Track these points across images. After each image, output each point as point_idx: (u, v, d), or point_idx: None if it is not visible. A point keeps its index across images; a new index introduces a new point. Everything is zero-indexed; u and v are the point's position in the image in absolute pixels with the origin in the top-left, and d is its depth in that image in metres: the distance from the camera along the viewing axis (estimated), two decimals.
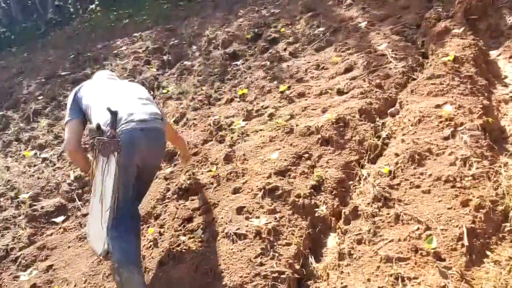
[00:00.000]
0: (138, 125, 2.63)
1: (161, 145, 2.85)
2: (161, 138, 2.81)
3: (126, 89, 2.95)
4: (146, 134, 2.65)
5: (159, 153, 2.88)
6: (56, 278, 3.22)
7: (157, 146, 2.80)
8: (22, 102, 6.64)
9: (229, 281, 2.49)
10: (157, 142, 2.78)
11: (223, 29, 6.63)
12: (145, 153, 2.66)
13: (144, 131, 2.64)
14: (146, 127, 2.66)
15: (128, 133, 2.58)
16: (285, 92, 4.37)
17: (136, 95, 2.88)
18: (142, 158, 2.66)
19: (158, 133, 2.77)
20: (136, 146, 2.61)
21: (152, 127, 2.70)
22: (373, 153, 3.20)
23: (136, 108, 2.72)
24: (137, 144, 2.61)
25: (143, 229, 3.37)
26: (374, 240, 2.37)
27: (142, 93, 2.98)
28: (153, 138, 2.72)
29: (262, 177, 3.19)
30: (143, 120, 2.67)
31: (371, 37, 4.85)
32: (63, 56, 8.30)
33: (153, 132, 2.72)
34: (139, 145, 2.62)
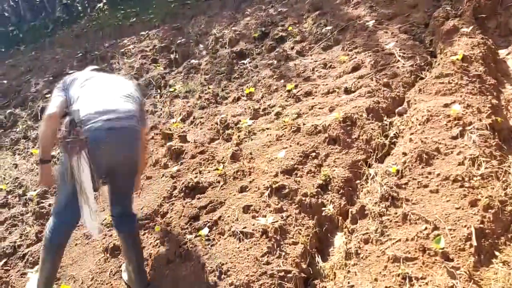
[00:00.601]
0: (106, 123, 2.58)
1: (131, 143, 2.74)
2: (131, 136, 2.73)
3: (110, 84, 2.92)
4: (114, 133, 2.61)
5: (130, 151, 2.75)
6: (63, 275, 3.23)
7: (127, 144, 2.71)
8: (30, 100, 6.68)
9: (236, 280, 2.48)
10: (127, 140, 2.70)
11: (230, 27, 6.62)
12: (113, 151, 2.63)
13: (112, 129, 2.59)
14: (115, 125, 2.61)
15: (94, 131, 2.55)
16: (292, 91, 4.36)
17: (118, 91, 2.84)
18: (110, 156, 2.63)
19: (128, 131, 2.70)
20: (101, 145, 2.56)
21: (122, 125, 2.65)
22: (380, 152, 3.18)
23: (110, 105, 2.67)
24: (102, 142, 2.56)
25: (149, 226, 3.38)
26: (382, 240, 2.36)
27: (126, 89, 2.91)
28: (123, 136, 2.67)
29: (269, 176, 3.19)
30: (114, 119, 2.62)
31: (379, 35, 4.83)
32: (71, 54, 8.33)
33: (123, 131, 2.66)
34: (106, 143, 2.58)
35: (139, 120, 2.78)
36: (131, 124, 2.69)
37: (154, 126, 4.88)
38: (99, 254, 3.25)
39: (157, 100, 5.58)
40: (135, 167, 2.85)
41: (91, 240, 3.46)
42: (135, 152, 2.78)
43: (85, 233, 3.55)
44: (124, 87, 2.92)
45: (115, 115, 2.63)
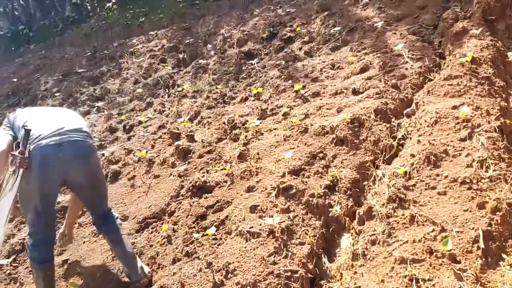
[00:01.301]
0: (54, 140, 2.73)
1: (84, 154, 2.87)
2: (83, 148, 2.86)
3: (56, 110, 3.15)
4: (62, 149, 2.74)
5: (85, 163, 2.88)
6: (71, 272, 3.27)
7: (80, 157, 2.83)
8: (39, 99, 6.74)
9: (242, 279, 2.49)
10: (80, 152, 2.83)
11: (239, 28, 6.64)
12: (65, 165, 2.77)
13: (61, 145, 2.74)
14: (63, 140, 2.75)
15: (39, 149, 2.69)
16: (300, 92, 4.36)
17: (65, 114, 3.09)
18: (63, 170, 2.77)
19: (78, 143, 2.83)
20: (49, 162, 2.70)
21: (71, 139, 2.78)
22: (388, 153, 3.18)
23: (58, 124, 2.83)
24: (51, 158, 2.70)
25: (157, 225, 3.40)
26: (389, 241, 2.36)
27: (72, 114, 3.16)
28: (72, 149, 2.78)
29: (276, 176, 3.20)
30: (62, 133, 2.77)
31: (387, 37, 4.82)
32: (80, 53, 8.40)
33: (73, 144, 2.79)
34: (55, 158, 2.71)
35: (88, 134, 2.96)
36: (80, 137, 2.84)
37: (162, 126, 4.91)
38: (106, 252, 3.28)
39: (165, 100, 5.61)
40: (97, 175, 3.02)
41: (98, 238, 3.49)
42: (91, 162, 2.94)
43: (93, 230, 3.58)
44: (70, 112, 3.20)
45: (63, 130, 2.80)
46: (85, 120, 5.61)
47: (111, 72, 6.98)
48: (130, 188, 4.01)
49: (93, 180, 2.98)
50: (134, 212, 3.65)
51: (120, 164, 4.41)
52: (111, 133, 5.22)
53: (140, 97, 5.88)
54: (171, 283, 2.71)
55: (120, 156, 4.54)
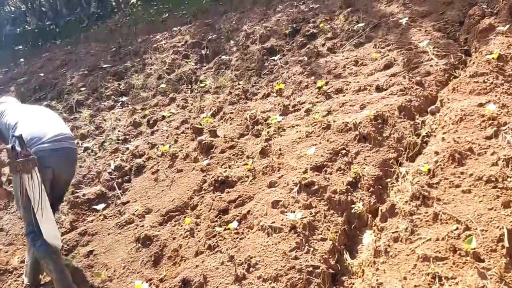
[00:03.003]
0: (50, 145, 3.07)
1: (71, 161, 3.31)
2: (71, 155, 3.27)
3: (40, 112, 3.43)
4: (58, 153, 3.09)
5: (72, 168, 3.35)
6: (97, 263, 3.35)
7: (68, 163, 3.24)
8: (65, 93, 6.87)
9: (264, 273, 2.52)
10: (68, 159, 3.23)
11: (261, 24, 6.64)
12: (57, 168, 3.10)
13: (56, 150, 3.08)
14: (58, 147, 3.10)
15: (41, 152, 3.00)
16: (322, 88, 4.35)
17: (52, 117, 3.39)
18: (55, 172, 3.10)
19: (69, 151, 3.21)
20: (47, 163, 3.02)
21: (63, 146, 3.14)
22: (412, 151, 3.16)
23: (53, 131, 3.16)
24: (48, 161, 3.02)
25: (180, 218, 3.45)
26: (412, 239, 2.35)
27: (54, 116, 3.46)
28: (64, 156, 3.15)
29: (298, 172, 3.21)
30: (56, 140, 3.11)
31: (412, 33, 4.76)
32: (105, 49, 8.51)
33: (64, 151, 3.15)
34: (51, 162, 3.04)
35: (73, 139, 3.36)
36: (71, 145, 3.25)
37: (184, 121, 4.96)
38: (131, 243, 3.35)
39: (188, 95, 5.66)
40: (70, 181, 3.50)
41: (123, 230, 3.56)
42: (75, 167, 3.45)
43: (117, 222, 3.66)
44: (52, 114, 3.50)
45: (58, 137, 3.13)
46: (110, 114, 5.76)
47: (135, 67, 7.06)
48: (154, 182, 4.07)
49: (68, 183, 3.49)
50: (158, 206, 3.71)
51: (144, 158, 4.48)
52: (135, 128, 5.30)
53: (164, 93, 5.94)
54: (194, 275, 2.75)
55: (144, 150, 4.61)
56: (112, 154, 4.81)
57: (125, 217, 3.68)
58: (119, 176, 4.36)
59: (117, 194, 4.12)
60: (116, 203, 4.01)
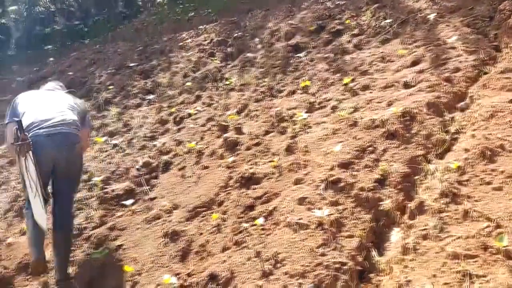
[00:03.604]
0: (45, 131, 3.27)
1: (67, 145, 3.36)
2: (65, 140, 3.35)
3: (51, 99, 3.62)
4: (52, 138, 3.27)
5: (67, 152, 3.37)
6: (126, 257, 3.41)
7: (63, 147, 3.33)
8: (94, 91, 7.01)
9: (291, 269, 2.53)
10: (62, 143, 3.33)
11: (286, 21, 6.64)
12: (53, 153, 3.28)
13: (50, 136, 3.27)
14: (53, 132, 3.29)
15: (36, 137, 3.23)
16: (348, 85, 4.33)
17: (57, 105, 3.53)
18: (52, 157, 3.29)
19: (64, 136, 3.34)
20: (42, 148, 3.23)
21: (58, 131, 3.31)
22: (440, 148, 3.11)
23: (49, 116, 3.36)
24: (42, 146, 3.23)
25: (206, 214, 3.49)
26: (441, 236, 2.33)
27: (63, 102, 3.60)
28: (59, 140, 3.30)
29: (324, 169, 3.21)
30: (52, 126, 3.31)
31: (440, 29, 4.69)
32: (132, 48, 8.64)
33: (59, 136, 3.31)
34: (45, 147, 3.24)
35: (76, 125, 3.44)
36: (65, 130, 3.35)
37: (210, 118, 5.00)
38: (159, 238, 3.40)
39: (213, 93, 5.70)
40: (72, 167, 3.48)
41: (151, 225, 3.62)
42: (71, 153, 3.40)
43: (146, 218, 3.72)
44: (61, 100, 3.63)
45: (51, 122, 3.32)
46: (137, 112, 5.84)
47: (161, 66, 7.15)
48: (181, 178, 4.12)
49: (71, 168, 3.47)
50: (184, 201, 3.76)
51: (171, 154, 4.54)
52: (162, 125, 5.37)
53: (189, 90, 6.00)
54: (221, 270, 2.78)
55: (171, 147, 4.67)
56: (140, 151, 4.89)
57: (153, 213, 3.75)
58: (147, 173, 4.44)
59: (145, 190, 4.19)
60: (144, 199, 4.08)
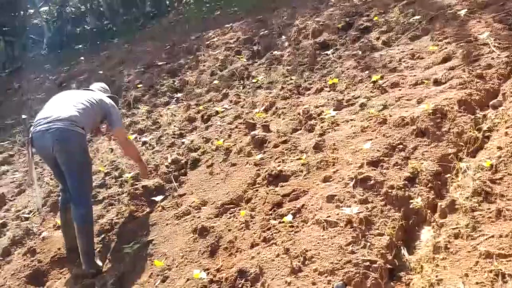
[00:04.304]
0: (41, 127, 3.53)
1: (62, 140, 3.51)
2: (60, 135, 3.50)
3: (63, 99, 3.86)
4: (44, 134, 3.50)
5: (63, 146, 3.52)
6: (156, 252, 3.48)
7: (58, 141, 3.49)
8: (123, 90, 7.15)
9: (320, 266, 2.53)
10: (54, 139, 3.48)
11: (313, 18, 6.61)
12: (48, 147, 3.52)
13: (43, 131, 3.51)
14: (48, 128, 3.51)
15: (34, 133, 3.58)
16: (377, 82, 4.29)
17: (64, 103, 3.74)
18: (47, 151, 3.55)
19: (55, 131, 3.49)
20: (38, 143, 3.59)
21: (54, 127, 3.50)
22: (472, 146, 3.06)
23: (49, 114, 3.61)
24: (37, 141, 3.58)
25: (234, 211, 3.53)
26: (473, 235, 2.29)
27: (74, 101, 3.77)
28: (54, 135, 3.48)
29: (353, 167, 3.19)
30: (49, 122, 3.53)
31: (471, 25, 4.60)
32: (160, 47, 8.77)
33: (54, 131, 3.49)
34: (39, 142, 3.57)
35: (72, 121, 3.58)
36: (58, 125, 3.51)
37: (237, 116, 5.03)
38: (188, 234, 3.45)
39: (240, 91, 5.73)
40: (71, 160, 3.60)
41: (180, 221, 3.68)
42: (66, 147, 3.54)
43: (175, 213, 3.79)
44: (73, 98, 3.82)
45: (49, 119, 3.55)
46: (165, 110, 5.92)
47: (189, 64, 7.24)
48: (209, 175, 4.17)
49: (70, 162, 3.60)
50: (213, 198, 3.80)
51: (199, 152, 4.60)
52: (190, 123, 5.43)
53: (217, 89, 6.06)
54: (250, 267, 2.81)
55: (199, 145, 4.73)
56: (169, 148, 4.97)
57: (182, 209, 3.81)
58: (176, 169, 4.50)
59: (174, 187, 4.26)
60: (173, 195, 4.14)
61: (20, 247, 4.26)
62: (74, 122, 3.59)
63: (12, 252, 4.24)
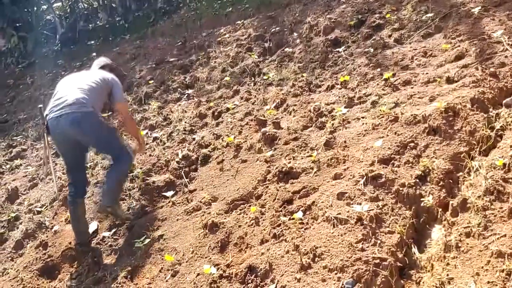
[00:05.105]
0: (55, 113, 3.70)
1: (74, 124, 3.67)
2: (71, 119, 3.66)
3: (75, 80, 4.02)
4: (60, 119, 3.67)
5: (76, 129, 3.70)
6: (166, 247, 3.51)
7: (70, 126, 3.67)
8: (135, 86, 7.19)
9: (330, 263, 2.54)
10: (67, 124, 3.66)
11: (325, 15, 6.58)
12: (62, 133, 3.73)
13: (55, 118, 3.68)
14: (59, 114, 3.68)
15: (49, 120, 3.76)
16: (389, 80, 4.27)
17: (71, 87, 3.87)
18: (64, 136, 3.76)
19: (69, 116, 3.66)
20: (54, 129, 3.75)
21: (64, 113, 3.66)
22: (485, 144, 3.03)
23: (59, 101, 3.76)
24: (54, 127, 3.74)
25: (245, 207, 3.54)
26: (485, 234, 2.28)
27: (80, 83, 3.91)
28: (66, 121, 3.66)
29: (364, 165, 3.19)
30: (60, 108, 3.69)
31: (485, 23, 4.55)
32: (171, 43, 8.79)
33: (65, 117, 3.66)
34: (53, 129, 3.75)
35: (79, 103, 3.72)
36: (67, 111, 3.67)
37: (248, 113, 5.03)
38: (198, 229, 3.47)
39: (251, 88, 5.73)
40: (93, 138, 3.87)
41: (191, 217, 3.71)
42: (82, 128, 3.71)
43: (186, 209, 3.81)
44: (79, 81, 3.96)
45: (59, 106, 3.71)
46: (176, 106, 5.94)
47: (200, 61, 7.25)
48: (219, 171, 4.19)
49: (92, 141, 3.94)
50: (223, 194, 3.82)
51: (210, 148, 4.62)
52: (200, 119, 5.45)
53: (228, 85, 6.07)
54: (259, 263, 2.82)
55: (210, 141, 4.74)
56: (180, 144, 4.99)
57: (192, 204, 3.83)
58: (186, 165, 4.53)
59: (185, 182, 4.29)
60: (184, 191, 4.17)
61: (32, 240, 4.32)
62: (82, 103, 3.73)
63: (25, 245, 4.31)
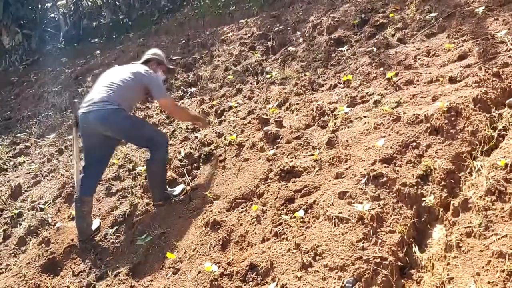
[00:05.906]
0: (84, 110, 3.88)
1: (102, 120, 3.81)
2: (98, 116, 3.80)
3: (108, 77, 4.09)
4: (87, 115, 3.84)
5: (103, 125, 3.83)
6: (168, 244, 3.52)
7: (94, 122, 3.82)
8: None
9: (331, 262, 2.55)
10: (95, 120, 3.81)
11: (328, 14, 6.57)
12: (90, 128, 3.89)
13: (88, 113, 3.84)
14: (87, 110, 3.85)
15: (79, 115, 3.95)
16: (392, 79, 4.27)
17: (109, 81, 3.98)
18: (91, 131, 3.90)
19: (95, 113, 3.81)
20: (82, 123, 3.94)
21: (91, 110, 3.83)
22: (487, 145, 3.03)
23: (93, 95, 3.93)
24: (82, 122, 3.93)
25: (246, 205, 3.55)
26: (486, 234, 2.28)
27: (113, 80, 4.00)
28: (93, 117, 3.81)
29: (366, 164, 3.19)
30: (88, 105, 3.87)
31: (488, 23, 4.54)
32: (175, 41, 8.80)
33: (92, 113, 3.81)
34: (84, 122, 3.91)
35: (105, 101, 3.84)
36: (95, 108, 3.82)
37: (251, 111, 5.04)
38: (200, 227, 3.49)
39: (254, 86, 5.74)
40: (123, 132, 3.97)
41: (192, 215, 3.72)
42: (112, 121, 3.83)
43: (187, 207, 3.82)
44: (112, 78, 4.03)
45: (91, 103, 3.87)
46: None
47: (203, 59, 7.26)
48: (221, 170, 4.20)
49: (122, 133, 4.00)
50: (225, 192, 3.83)
51: (212, 146, 4.62)
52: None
53: (230, 84, 6.07)
54: (260, 261, 2.83)
55: (212, 139, 4.75)
56: (182, 142, 5.01)
57: (194, 202, 3.84)
58: (189, 163, 4.54)
59: (187, 181, 4.30)
60: (186, 189, 4.17)
61: (35, 237, 4.35)
62: (107, 102, 3.85)
63: (28, 242, 4.33)
